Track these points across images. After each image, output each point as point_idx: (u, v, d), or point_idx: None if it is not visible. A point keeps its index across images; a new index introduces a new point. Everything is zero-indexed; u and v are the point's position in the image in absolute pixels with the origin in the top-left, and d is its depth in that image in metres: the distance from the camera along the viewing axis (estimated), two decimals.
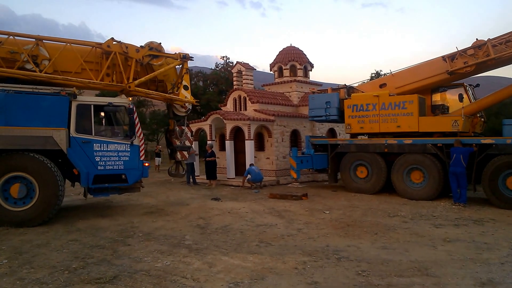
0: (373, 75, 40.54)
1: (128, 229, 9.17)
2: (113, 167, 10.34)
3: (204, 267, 6.52)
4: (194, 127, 19.69)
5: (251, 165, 16.75)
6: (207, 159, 17.46)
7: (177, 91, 11.71)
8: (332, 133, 20.61)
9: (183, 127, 12.34)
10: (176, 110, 12.16)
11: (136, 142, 10.59)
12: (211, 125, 18.79)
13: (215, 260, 6.86)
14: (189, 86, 11.82)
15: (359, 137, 15.85)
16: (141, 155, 10.69)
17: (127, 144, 10.50)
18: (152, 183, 18.61)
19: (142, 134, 10.81)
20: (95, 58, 11.03)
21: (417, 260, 6.75)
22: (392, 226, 9.25)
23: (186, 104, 12.09)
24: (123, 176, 10.48)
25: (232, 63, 39.20)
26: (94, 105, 10.28)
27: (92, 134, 10.19)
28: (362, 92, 15.51)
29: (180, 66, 11.96)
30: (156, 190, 15.99)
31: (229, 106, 20.37)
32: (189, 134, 12.46)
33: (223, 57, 49.37)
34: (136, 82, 10.90)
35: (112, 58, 10.90)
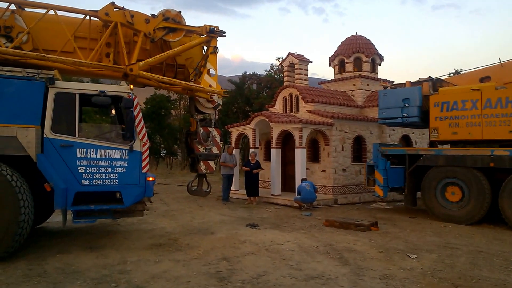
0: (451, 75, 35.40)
1: (112, 276, 6.09)
2: (103, 181, 7.30)
3: None
4: (235, 131, 16.53)
5: (303, 180, 13.28)
6: (254, 171, 14.18)
7: (199, 78, 8.56)
8: (406, 141, 16.60)
9: (210, 129, 9.11)
10: (200, 106, 9.03)
11: (137, 147, 7.51)
12: (255, 129, 15.52)
13: None
14: (216, 72, 8.64)
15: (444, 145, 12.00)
16: (143, 165, 7.58)
17: (125, 150, 7.45)
18: (185, 198, 15.60)
19: (146, 136, 7.69)
20: (91, 33, 8.20)
21: None
22: None
23: (214, 97, 8.90)
24: (118, 195, 7.44)
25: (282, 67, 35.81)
26: (80, 94, 7.30)
27: (75, 135, 7.22)
28: (455, 86, 11.62)
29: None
30: (182, 208, 12.89)
31: (278, 106, 17.03)
32: (217, 138, 9.23)
33: (279, 58, 46.13)
34: (142, 63, 7.87)
35: (115, 32, 8.03)
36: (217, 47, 8.61)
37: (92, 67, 7.74)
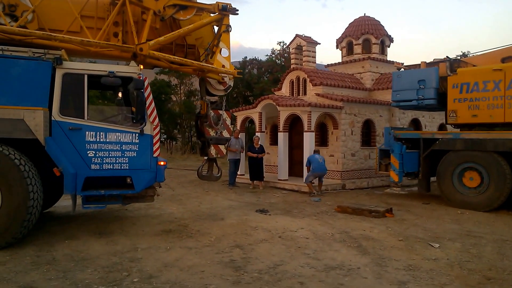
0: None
1: (123, 264, 5.82)
2: (113, 166, 7.00)
3: None
4: (240, 115, 16.14)
5: (315, 152, 13.04)
6: (259, 155, 13.89)
7: (211, 58, 8.13)
8: (416, 124, 16.23)
9: (221, 112, 8.71)
10: (211, 87, 8.62)
11: (147, 130, 7.16)
12: (261, 113, 15.14)
13: None
14: (229, 51, 8.20)
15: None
16: (154, 149, 7.25)
17: (135, 133, 7.10)
18: (189, 182, 15.34)
19: (157, 119, 7.34)
20: (98, 12, 7.77)
21: None
22: None
23: (225, 78, 8.50)
24: (128, 180, 7.13)
25: (289, 49, 35.31)
26: (89, 75, 6.93)
27: (84, 118, 6.87)
28: (474, 66, 11.21)
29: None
30: (188, 193, 12.63)
31: (285, 90, 16.61)
32: (228, 122, 8.84)
33: (280, 43, 45.68)
34: (152, 42, 7.43)
35: (123, 11, 7.60)
36: (230, 26, 8.16)
37: (100, 46, 7.30)
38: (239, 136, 14.67)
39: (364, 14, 18.48)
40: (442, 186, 11.05)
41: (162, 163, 7.29)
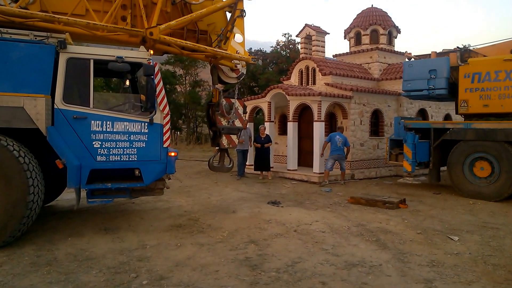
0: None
1: (131, 264, 5.44)
2: (121, 157, 6.61)
3: None
4: (249, 105, 15.86)
5: (339, 128, 12.94)
6: (265, 145, 13.67)
7: (224, 44, 7.80)
8: (422, 114, 16.06)
9: (233, 100, 8.34)
10: (223, 75, 8.26)
11: (157, 119, 6.82)
12: (270, 102, 14.85)
13: None
14: (243, 37, 7.86)
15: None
16: (165, 139, 6.90)
17: (144, 122, 6.76)
18: (196, 173, 15.12)
19: (167, 108, 7.02)
20: None
21: None
22: None
23: (238, 66, 8.18)
24: (137, 172, 6.75)
25: (295, 40, 35.34)
26: (95, 60, 6.51)
27: (89, 106, 6.46)
28: (485, 56, 11.03)
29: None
30: (197, 184, 12.38)
31: (294, 79, 16.36)
32: (240, 111, 8.52)
33: (285, 34, 45.91)
34: (163, 27, 7.04)
35: None
36: (244, 10, 7.80)
37: (107, 30, 6.88)
38: (247, 127, 14.43)
39: (372, 5, 18.33)
40: (453, 176, 10.93)
41: (172, 154, 6.93)
